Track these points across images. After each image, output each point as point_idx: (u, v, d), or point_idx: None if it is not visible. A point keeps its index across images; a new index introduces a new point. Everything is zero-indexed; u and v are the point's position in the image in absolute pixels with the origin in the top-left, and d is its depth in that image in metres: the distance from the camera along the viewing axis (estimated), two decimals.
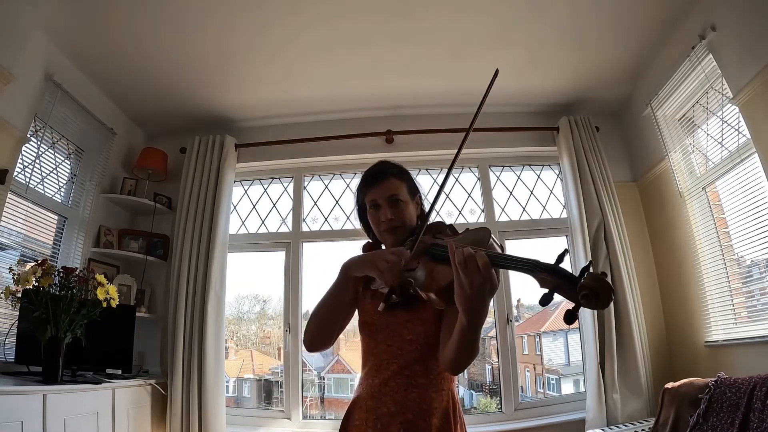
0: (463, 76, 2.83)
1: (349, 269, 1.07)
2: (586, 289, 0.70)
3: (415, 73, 2.82)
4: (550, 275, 0.75)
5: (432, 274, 0.94)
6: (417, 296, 0.98)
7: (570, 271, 0.75)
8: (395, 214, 1.12)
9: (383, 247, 1.18)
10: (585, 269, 0.72)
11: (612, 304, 2.57)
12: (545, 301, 0.74)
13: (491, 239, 0.94)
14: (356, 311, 1.16)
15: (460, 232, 1.10)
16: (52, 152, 2.56)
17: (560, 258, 0.76)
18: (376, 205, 1.14)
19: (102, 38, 2.41)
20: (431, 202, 1.14)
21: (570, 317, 0.72)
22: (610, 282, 0.72)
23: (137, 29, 2.37)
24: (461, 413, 1.12)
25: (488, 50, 2.62)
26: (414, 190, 1.19)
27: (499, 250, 0.95)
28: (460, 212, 3.13)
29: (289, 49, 2.58)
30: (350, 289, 1.09)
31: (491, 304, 2.92)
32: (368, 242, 1.24)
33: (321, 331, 1.12)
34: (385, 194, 1.13)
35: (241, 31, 2.43)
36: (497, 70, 1.12)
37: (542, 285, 0.76)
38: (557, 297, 0.75)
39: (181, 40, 2.47)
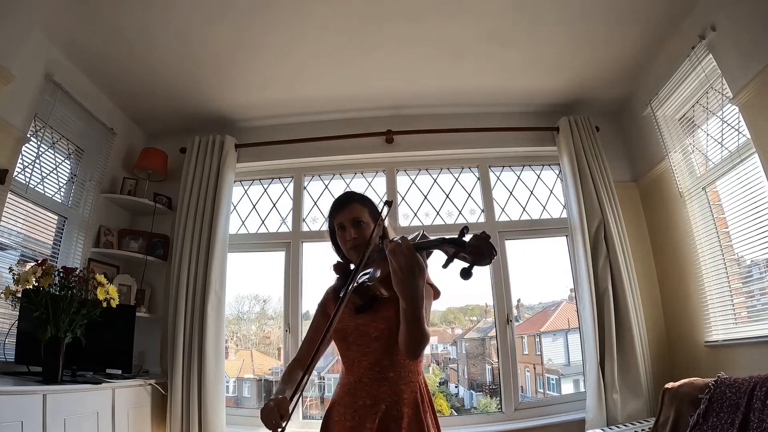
0: (463, 76, 2.84)
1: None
2: (471, 248, 0.90)
3: (415, 74, 2.82)
4: (449, 245, 0.95)
5: (380, 269, 1.14)
6: (376, 295, 1.17)
7: (458, 237, 0.94)
8: (358, 233, 1.29)
9: (351, 265, 1.34)
10: (462, 232, 0.93)
11: (613, 305, 2.58)
12: (446, 264, 0.93)
13: (424, 233, 1.13)
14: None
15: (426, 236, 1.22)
16: (52, 152, 2.56)
17: (461, 233, 0.94)
18: (342, 227, 1.32)
19: (102, 38, 2.41)
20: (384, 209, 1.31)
21: (465, 273, 0.90)
22: (492, 247, 0.92)
23: (137, 29, 2.37)
24: (431, 402, 1.25)
25: (488, 50, 2.62)
26: (375, 215, 1.35)
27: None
28: (460, 212, 3.13)
29: (290, 51, 2.58)
30: None
31: (491, 303, 2.94)
32: (338, 261, 1.40)
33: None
34: (349, 217, 1.31)
35: (241, 32, 2.43)
36: (389, 202, 1.36)
37: (446, 254, 0.95)
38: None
39: (180, 40, 2.47)
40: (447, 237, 0.97)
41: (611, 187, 2.85)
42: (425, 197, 3.17)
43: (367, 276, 1.18)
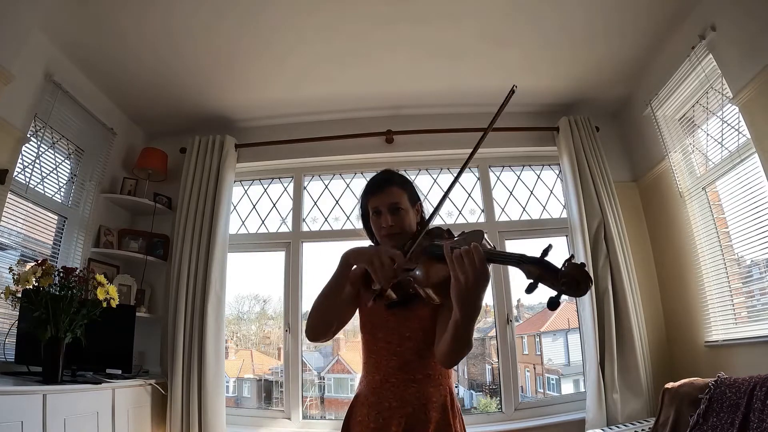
0: (463, 76, 2.84)
1: (348, 258, 1.12)
2: (566, 278, 0.77)
3: (415, 74, 2.81)
4: (534, 266, 0.81)
5: (429, 272, 1.01)
6: (415, 294, 1.05)
7: (551, 262, 0.81)
8: (395, 221, 1.19)
9: None
10: (567, 261, 0.79)
11: (613, 305, 2.58)
12: (530, 289, 0.80)
13: (484, 239, 1.00)
14: (357, 311, 1.22)
15: (456, 235, 1.14)
16: (52, 152, 2.56)
17: (545, 252, 0.82)
18: (378, 212, 1.21)
19: (102, 38, 2.41)
20: (434, 207, 1.19)
21: (553, 304, 0.78)
22: (591, 273, 0.79)
23: (137, 30, 2.37)
24: (459, 407, 1.18)
25: (488, 51, 2.62)
26: (415, 199, 1.26)
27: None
28: (460, 212, 3.13)
29: (290, 51, 2.58)
30: (348, 278, 1.14)
31: (491, 303, 2.94)
32: (371, 245, 1.29)
33: (322, 319, 1.17)
34: (386, 202, 1.20)
35: (241, 32, 2.43)
36: (514, 87, 1.18)
37: (528, 276, 0.82)
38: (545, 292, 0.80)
39: (181, 40, 2.47)
40: (531, 256, 0.84)
41: (611, 187, 2.85)
42: (425, 197, 3.15)
43: (411, 275, 1.05)
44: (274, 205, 3.25)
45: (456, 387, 3.37)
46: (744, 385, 1.76)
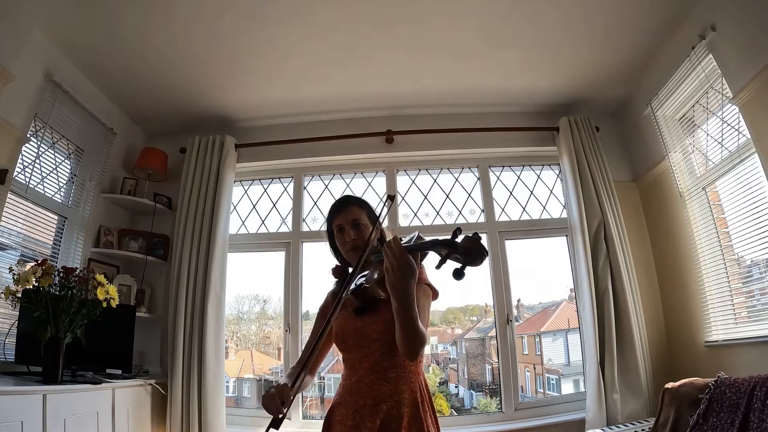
0: (463, 76, 2.84)
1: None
2: (462, 248, 0.94)
3: (415, 74, 2.82)
4: (440, 247, 0.98)
5: (375, 272, 1.19)
6: (374, 297, 1.21)
7: (450, 238, 0.97)
8: (357, 234, 1.32)
9: (350, 269, 1.37)
10: (455, 234, 0.97)
11: (613, 305, 2.57)
12: (439, 265, 0.98)
13: (419, 235, 1.18)
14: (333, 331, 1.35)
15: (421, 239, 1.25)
16: (52, 152, 2.56)
17: (454, 234, 0.98)
18: (341, 229, 1.35)
19: (102, 38, 2.41)
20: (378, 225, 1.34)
21: (457, 273, 0.93)
22: (479, 244, 0.95)
23: (137, 29, 2.37)
24: (431, 402, 1.27)
25: (488, 51, 2.62)
26: (374, 218, 1.38)
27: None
28: (460, 212, 3.13)
29: (290, 51, 2.58)
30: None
31: (491, 303, 2.94)
32: (336, 265, 1.43)
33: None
34: (348, 219, 1.34)
35: (241, 32, 2.43)
36: (392, 197, 1.39)
37: (439, 256, 0.99)
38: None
39: (181, 40, 2.47)
40: (440, 238, 1.00)
41: (611, 187, 2.85)
42: (425, 197, 3.17)
43: (365, 278, 1.22)
44: (274, 205, 3.25)
45: (456, 387, 3.38)
46: (744, 385, 1.76)
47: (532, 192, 3.19)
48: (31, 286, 1.93)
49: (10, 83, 2.07)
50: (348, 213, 1.35)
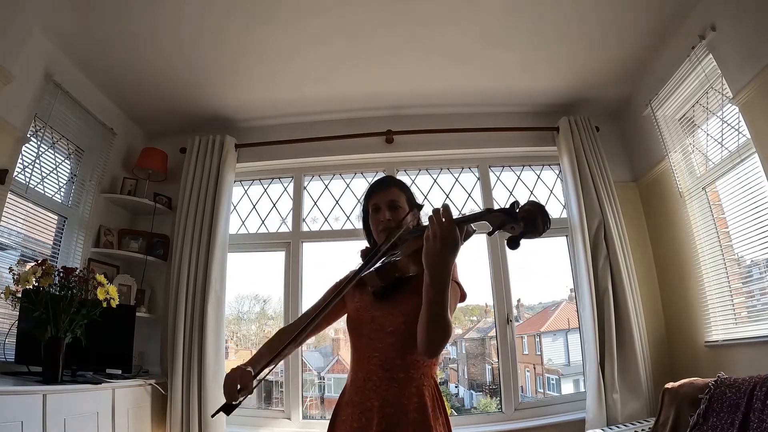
0: (463, 76, 2.84)
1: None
2: (523, 213, 0.84)
3: (415, 74, 2.81)
4: (497, 213, 0.90)
5: (409, 246, 1.10)
6: (401, 277, 1.10)
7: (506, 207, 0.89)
8: (393, 216, 1.25)
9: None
10: (513, 206, 0.87)
11: (613, 305, 2.57)
12: (491, 233, 0.90)
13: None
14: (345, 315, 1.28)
15: None
16: (52, 152, 2.56)
17: (512, 205, 0.89)
18: (377, 208, 1.28)
19: (102, 38, 2.42)
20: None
21: (512, 242, 0.85)
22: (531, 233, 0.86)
23: (138, 29, 2.37)
24: (443, 407, 1.17)
25: (488, 51, 2.62)
26: (413, 204, 1.32)
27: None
28: (460, 212, 3.13)
29: (290, 51, 2.58)
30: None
31: (491, 303, 2.94)
32: (366, 247, 1.35)
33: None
34: (385, 199, 1.28)
35: (242, 33, 2.43)
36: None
37: (492, 225, 0.91)
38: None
39: (181, 40, 2.47)
40: (490, 208, 0.94)
41: (611, 187, 2.85)
42: (425, 197, 3.17)
43: (393, 253, 1.12)
44: (274, 205, 3.25)
45: (456, 387, 3.38)
46: (744, 385, 1.76)
47: (532, 192, 3.18)
48: (31, 286, 1.93)
49: (10, 83, 2.07)
50: (387, 193, 1.29)
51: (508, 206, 0.88)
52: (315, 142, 3.09)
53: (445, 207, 0.93)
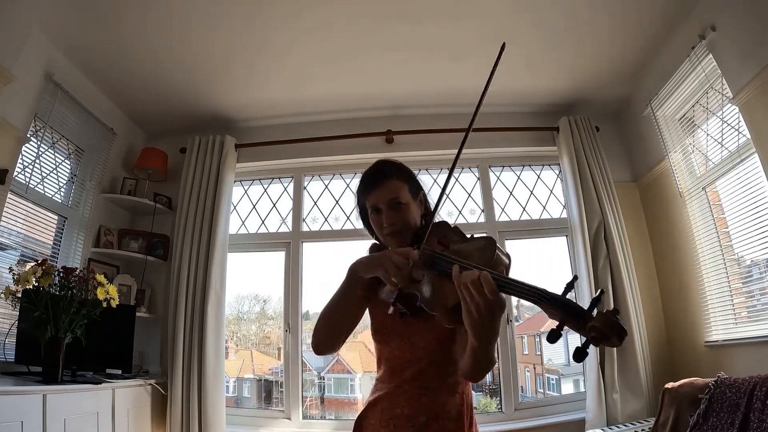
0: (463, 76, 2.83)
1: (357, 271, 1.02)
2: (594, 332, 0.69)
3: (415, 74, 2.81)
4: (557, 308, 0.72)
5: (437, 292, 0.92)
6: (431, 312, 0.94)
7: (578, 305, 0.72)
8: (397, 217, 1.07)
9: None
10: (594, 303, 0.71)
11: (613, 305, 2.57)
12: (553, 338, 0.71)
13: (497, 252, 0.91)
14: (367, 315, 1.15)
15: (466, 235, 1.07)
16: (52, 152, 2.56)
17: (568, 287, 0.74)
18: (377, 210, 1.09)
19: (102, 38, 2.41)
20: (434, 204, 1.11)
21: (577, 354, 0.70)
22: (620, 317, 0.71)
23: (137, 29, 2.37)
24: (473, 415, 1.11)
25: (488, 51, 2.59)
26: (416, 189, 1.14)
27: (507, 261, 0.94)
28: (460, 212, 3.13)
29: (290, 51, 2.58)
30: (358, 292, 1.05)
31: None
32: (375, 243, 1.20)
33: (329, 335, 1.10)
34: (385, 198, 1.07)
35: (241, 32, 2.43)
36: (504, 44, 1.11)
37: (549, 316, 0.74)
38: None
39: (181, 40, 2.47)
40: (552, 294, 0.73)
41: (611, 187, 2.85)
42: (427, 193, 3.16)
43: (417, 289, 0.94)
44: (274, 205, 3.25)
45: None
46: (744, 385, 1.76)
47: (532, 192, 3.18)
48: (31, 286, 1.93)
49: (10, 83, 2.07)
50: (385, 190, 1.08)
51: (572, 301, 0.72)
52: (315, 142, 3.09)
53: (486, 280, 0.77)
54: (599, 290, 0.74)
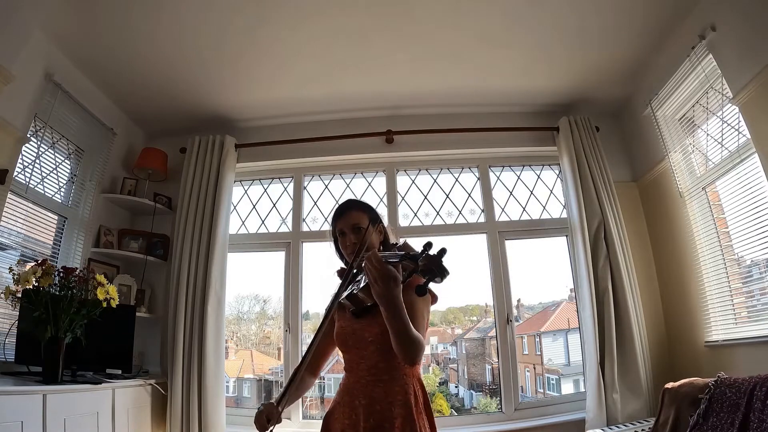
0: (463, 76, 2.84)
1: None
2: (422, 265, 0.96)
3: (415, 74, 2.81)
4: (407, 261, 1.02)
5: (367, 287, 1.19)
6: (364, 303, 1.27)
7: (416, 252, 1.01)
8: (358, 238, 1.34)
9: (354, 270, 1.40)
10: (426, 248, 0.97)
11: (613, 305, 2.58)
12: (420, 291, 0.96)
13: (406, 242, 1.26)
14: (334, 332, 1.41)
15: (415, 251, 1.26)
16: (52, 152, 2.56)
17: (423, 248, 0.98)
18: (342, 233, 1.39)
19: (102, 38, 2.41)
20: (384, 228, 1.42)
21: (419, 289, 0.95)
22: (440, 258, 0.95)
23: (138, 29, 2.37)
24: (426, 403, 1.30)
25: (488, 51, 2.62)
26: (375, 220, 1.40)
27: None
28: (460, 212, 3.13)
29: (290, 51, 2.58)
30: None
31: (491, 303, 2.94)
32: (341, 268, 1.46)
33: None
34: (349, 223, 1.38)
35: (241, 32, 2.43)
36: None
37: (407, 272, 1.04)
38: None
39: (181, 40, 2.47)
40: (410, 253, 1.04)
41: (611, 187, 2.85)
42: (425, 197, 3.17)
43: (357, 285, 1.26)
44: (274, 205, 3.25)
45: (456, 387, 3.38)
46: (744, 385, 1.76)
47: (532, 192, 3.18)
48: (31, 286, 1.93)
49: (10, 83, 2.07)
50: (348, 217, 1.39)
51: (416, 253, 1.00)
52: (315, 142, 3.09)
53: (373, 252, 1.07)
54: (426, 242, 0.98)
